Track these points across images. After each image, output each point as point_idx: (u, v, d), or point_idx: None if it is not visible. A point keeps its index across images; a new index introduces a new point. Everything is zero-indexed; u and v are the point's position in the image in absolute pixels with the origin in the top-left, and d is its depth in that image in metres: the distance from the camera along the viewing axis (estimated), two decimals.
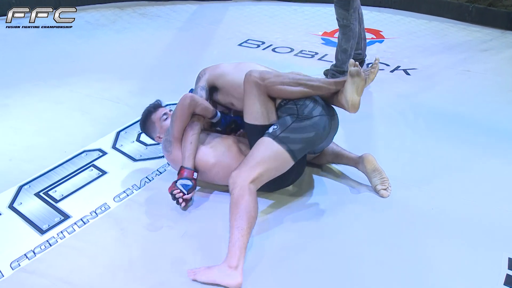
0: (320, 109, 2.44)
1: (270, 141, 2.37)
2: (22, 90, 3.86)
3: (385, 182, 2.61)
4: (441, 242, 2.31)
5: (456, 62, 4.04)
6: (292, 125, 2.39)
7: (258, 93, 2.42)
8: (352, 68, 2.35)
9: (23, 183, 2.83)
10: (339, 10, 3.34)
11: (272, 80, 2.40)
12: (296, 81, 2.42)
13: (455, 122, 3.22)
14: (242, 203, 2.22)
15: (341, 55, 3.46)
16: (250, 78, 2.42)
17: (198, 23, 5.16)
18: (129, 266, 2.26)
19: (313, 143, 2.44)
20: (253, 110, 2.45)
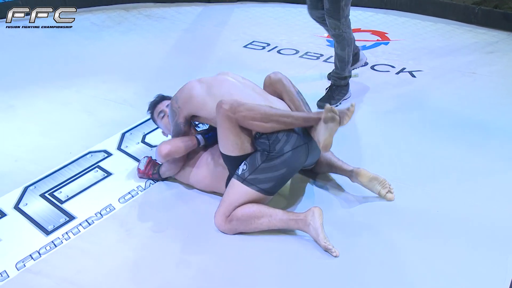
0: (294, 142, 2.41)
1: (239, 184, 2.41)
2: (29, 91, 3.88)
3: (386, 184, 2.58)
4: (445, 243, 2.31)
5: (461, 64, 4.03)
6: (261, 166, 2.39)
7: (231, 125, 2.38)
8: (327, 114, 2.28)
9: (28, 184, 2.84)
10: (330, 20, 3.30)
11: (243, 114, 2.35)
12: (267, 117, 2.36)
13: (460, 125, 3.21)
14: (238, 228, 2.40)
15: (339, 63, 3.44)
16: (221, 111, 2.37)
17: (204, 25, 5.16)
18: (134, 267, 2.27)
19: (286, 178, 2.48)
20: (227, 142, 2.43)
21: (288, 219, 2.36)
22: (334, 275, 2.18)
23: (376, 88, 3.73)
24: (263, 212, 2.36)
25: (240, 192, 2.40)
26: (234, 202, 2.40)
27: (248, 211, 2.37)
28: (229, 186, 2.46)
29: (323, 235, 2.29)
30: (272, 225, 2.37)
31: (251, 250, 2.33)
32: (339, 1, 3.21)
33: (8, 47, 4.75)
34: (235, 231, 2.41)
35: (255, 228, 2.38)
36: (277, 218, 2.36)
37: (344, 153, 2.83)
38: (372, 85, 3.76)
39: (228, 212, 2.39)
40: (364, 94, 3.60)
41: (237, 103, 2.38)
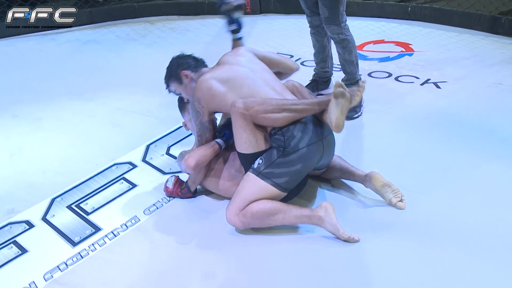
0: (308, 138, 2.43)
1: (254, 177, 2.43)
2: (56, 103, 3.95)
3: (398, 194, 2.58)
4: (469, 256, 2.27)
5: (487, 75, 3.98)
6: (277, 160, 2.41)
7: (245, 123, 2.42)
8: (337, 89, 2.31)
9: (55, 195, 2.89)
10: (331, 27, 3.31)
11: (256, 109, 2.39)
12: (280, 107, 2.40)
13: (487, 136, 3.16)
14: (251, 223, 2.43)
15: (349, 67, 3.45)
16: (235, 110, 2.40)
17: (227, 37, 5.17)
18: (159, 279, 2.28)
19: (301, 174, 2.48)
20: (242, 140, 2.46)
21: (302, 215, 2.40)
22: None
23: (400, 99, 3.70)
24: (278, 209, 2.39)
25: (255, 186, 2.42)
26: (248, 196, 2.42)
27: (264, 208, 2.39)
28: (243, 180, 2.47)
29: (342, 230, 2.35)
30: (286, 221, 2.41)
31: (276, 257, 2.33)
32: (338, 7, 3.24)
33: (35, 61, 4.86)
34: (247, 226, 2.44)
35: (269, 224, 2.42)
36: (291, 214, 2.40)
37: (366, 164, 2.82)
38: (396, 96, 3.73)
39: (242, 206, 2.41)
40: (388, 105, 3.58)
41: (249, 100, 2.42)
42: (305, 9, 3.53)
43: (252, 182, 2.43)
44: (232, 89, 2.54)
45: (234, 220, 2.44)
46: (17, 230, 2.65)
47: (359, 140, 3.25)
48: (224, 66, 2.69)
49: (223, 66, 2.69)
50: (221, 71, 2.64)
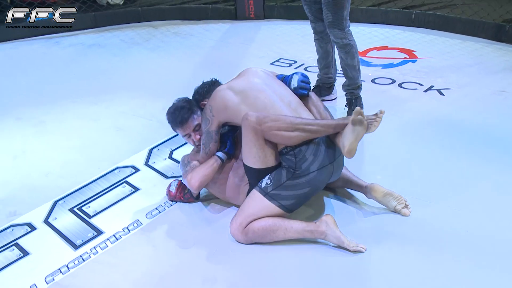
0: (320, 162, 2.40)
1: (261, 197, 2.41)
2: (59, 107, 3.95)
3: (402, 200, 2.57)
4: (474, 264, 2.26)
5: (491, 82, 3.98)
6: (286, 183, 2.39)
7: (256, 138, 2.39)
8: (356, 117, 2.27)
9: (58, 198, 2.89)
10: (335, 32, 3.30)
11: (269, 125, 2.35)
12: (293, 126, 2.36)
13: (490, 144, 3.15)
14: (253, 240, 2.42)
15: (352, 72, 3.44)
16: (247, 123, 2.37)
17: (231, 42, 5.21)
18: (161, 283, 2.27)
19: (308, 197, 2.48)
20: (251, 154, 2.43)
21: (304, 231, 2.39)
22: None
23: (403, 105, 3.70)
24: (279, 225, 2.39)
25: (260, 205, 2.41)
26: (253, 214, 2.41)
27: (265, 225, 2.39)
28: (249, 197, 2.46)
29: (347, 240, 2.33)
30: (287, 237, 2.40)
31: (278, 265, 2.32)
32: (342, 11, 3.24)
33: (39, 64, 4.87)
34: (250, 242, 2.43)
35: (270, 240, 2.41)
36: (293, 230, 2.39)
37: (369, 171, 2.82)
38: (399, 103, 3.73)
39: (245, 223, 2.41)
40: (392, 112, 3.57)
41: (262, 115, 2.39)
42: (309, 15, 3.53)
43: (257, 201, 2.42)
44: (246, 100, 2.50)
45: (237, 236, 2.44)
46: (19, 232, 2.65)
47: (362, 146, 3.23)
48: (241, 78, 2.68)
49: (240, 77, 2.69)
50: (237, 82, 2.63)
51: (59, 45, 5.31)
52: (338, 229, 2.36)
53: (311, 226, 2.39)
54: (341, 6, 3.22)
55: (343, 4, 3.22)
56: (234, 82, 2.64)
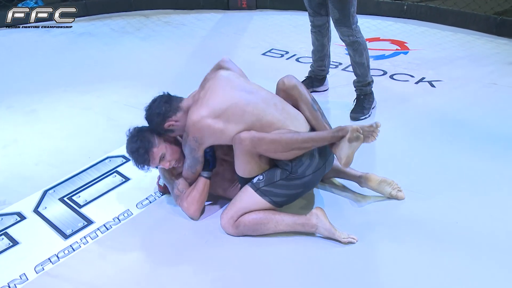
0: (315, 165, 2.42)
1: (252, 192, 2.42)
2: (51, 95, 3.93)
3: (395, 186, 2.62)
4: (465, 255, 2.28)
5: (482, 74, 3.99)
6: (279, 182, 2.40)
7: (251, 157, 2.36)
8: (354, 134, 2.29)
9: (48, 187, 2.88)
10: (342, 29, 3.27)
11: (265, 148, 2.32)
12: (289, 146, 2.32)
13: (480, 135, 3.17)
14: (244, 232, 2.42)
15: (360, 70, 3.42)
16: (241, 146, 2.32)
17: (223, 32, 5.19)
18: (152, 273, 2.28)
19: (299, 196, 2.50)
20: (245, 169, 2.41)
21: (295, 224, 2.40)
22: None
23: (394, 97, 3.71)
24: (270, 219, 2.40)
25: (251, 200, 2.42)
26: (244, 208, 2.42)
27: (255, 218, 2.40)
28: (241, 191, 2.47)
29: (338, 232, 2.35)
30: (278, 230, 2.41)
31: (269, 257, 2.34)
32: (349, 8, 3.21)
33: (30, 52, 4.83)
34: (240, 235, 2.44)
35: (261, 233, 2.42)
36: (284, 223, 2.40)
37: (361, 163, 2.81)
38: (390, 95, 3.74)
39: (236, 216, 2.42)
40: (383, 104, 3.58)
41: (257, 138, 2.31)
42: (308, 9, 3.49)
43: (249, 196, 2.42)
44: (231, 119, 2.36)
45: (229, 229, 2.45)
46: (8, 221, 2.64)
47: None
48: (215, 94, 2.43)
49: (214, 94, 2.44)
50: (214, 103, 2.40)
51: (50, 33, 5.26)
52: (328, 221, 2.38)
53: (301, 219, 2.39)
54: (348, 2, 3.18)
55: (349, 0, 3.18)
56: (211, 103, 2.40)
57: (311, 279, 2.21)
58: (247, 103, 2.40)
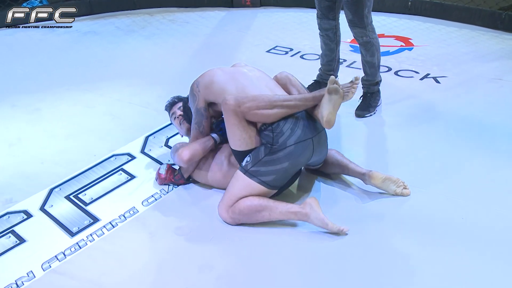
0: (298, 136, 2.44)
1: (242, 175, 2.46)
2: (55, 94, 3.94)
3: (400, 183, 2.61)
4: (469, 252, 2.27)
5: (487, 70, 3.98)
6: (264, 158, 2.43)
7: (238, 120, 2.44)
8: (331, 85, 2.34)
9: (54, 185, 2.89)
10: (356, 30, 3.27)
11: (248, 105, 2.41)
12: (271, 103, 2.41)
13: (486, 132, 3.16)
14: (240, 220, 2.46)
15: (370, 69, 3.41)
16: (227, 107, 2.43)
17: (227, 30, 5.19)
18: (157, 270, 2.29)
19: (289, 172, 2.50)
20: (235, 137, 2.48)
21: (289, 212, 2.42)
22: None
23: (399, 93, 3.70)
24: (264, 206, 2.42)
25: (242, 184, 2.45)
26: (236, 193, 2.45)
27: (250, 205, 2.43)
28: (233, 178, 2.51)
29: (331, 223, 2.36)
30: (273, 217, 2.44)
31: (273, 252, 2.34)
32: (362, 9, 3.20)
33: (34, 51, 4.84)
34: (237, 222, 2.47)
35: (256, 220, 2.45)
36: (278, 211, 2.42)
37: (366, 159, 2.83)
38: (395, 91, 3.73)
39: (231, 202, 2.45)
40: (387, 100, 3.57)
41: (240, 97, 2.45)
42: (317, 10, 3.47)
43: (240, 180, 2.46)
44: (231, 81, 2.60)
45: (225, 216, 2.48)
46: (15, 219, 2.65)
47: (357, 134, 3.25)
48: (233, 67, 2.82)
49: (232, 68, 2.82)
50: (226, 67, 2.79)
51: (55, 32, 5.27)
52: (321, 211, 2.39)
53: (295, 208, 2.42)
54: (362, 4, 3.17)
55: (363, 2, 3.17)
56: (227, 67, 2.80)
57: (313, 275, 2.21)
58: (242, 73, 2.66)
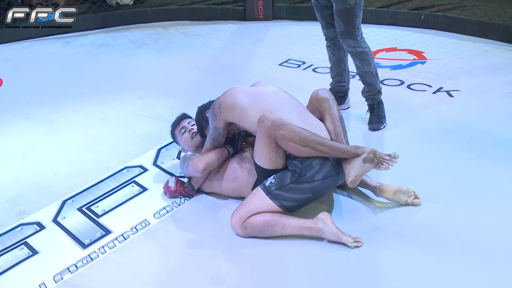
0: (326, 172, 2.44)
1: (263, 195, 2.46)
2: (68, 106, 3.98)
3: (411, 193, 2.62)
4: (485, 266, 2.25)
5: (501, 84, 3.95)
6: (289, 185, 2.43)
7: (269, 141, 2.43)
8: (370, 155, 2.33)
9: (66, 197, 2.90)
10: (347, 42, 3.26)
11: (283, 133, 2.39)
12: (305, 142, 2.39)
13: (500, 145, 3.14)
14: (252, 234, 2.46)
15: (370, 79, 3.39)
16: (263, 125, 2.41)
17: (239, 43, 5.22)
18: (168, 283, 2.29)
19: (309, 201, 2.52)
20: (262, 155, 2.48)
21: (302, 227, 2.42)
22: None
23: (412, 107, 3.69)
24: (277, 221, 2.43)
25: (262, 202, 2.46)
26: (253, 209, 2.46)
27: (263, 220, 2.43)
28: (252, 193, 2.51)
29: (345, 236, 2.36)
30: (285, 232, 2.44)
31: (285, 264, 2.33)
32: (354, 21, 3.19)
33: (49, 63, 4.91)
34: (249, 236, 2.47)
35: (268, 235, 2.45)
36: (290, 226, 2.43)
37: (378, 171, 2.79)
38: (408, 105, 3.72)
39: (245, 217, 2.46)
40: (400, 113, 3.56)
41: (279, 121, 2.40)
42: (321, 21, 3.46)
43: (259, 198, 2.47)
44: (255, 104, 2.55)
45: (237, 229, 2.49)
46: (28, 231, 2.66)
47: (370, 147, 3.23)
48: (254, 85, 2.79)
49: (252, 86, 2.79)
50: (249, 88, 2.73)
51: (69, 45, 5.34)
52: (334, 225, 2.39)
53: (308, 223, 2.42)
54: (353, 15, 3.16)
55: (355, 13, 3.16)
56: (247, 87, 2.73)
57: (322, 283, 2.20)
58: (269, 94, 2.62)
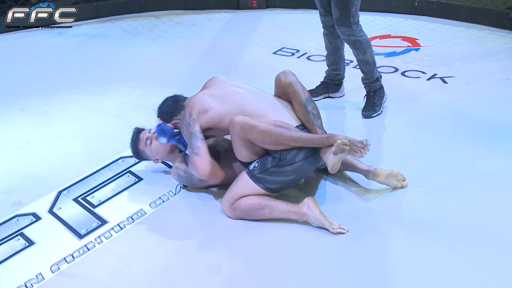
0: (305, 152, 2.45)
1: (247, 179, 2.51)
2: (62, 97, 3.97)
3: (400, 177, 2.65)
4: (478, 253, 2.26)
5: (495, 70, 3.96)
6: (271, 169, 2.46)
7: (243, 142, 2.48)
8: (338, 148, 2.34)
9: (62, 188, 2.90)
10: (342, 29, 3.24)
11: (254, 136, 2.42)
12: (278, 140, 2.40)
13: (494, 131, 3.15)
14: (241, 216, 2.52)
15: (366, 67, 3.39)
16: (233, 131, 2.45)
17: (233, 32, 5.20)
18: (165, 272, 2.29)
19: (294, 182, 2.56)
20: (241, 153, 2.53)
21: (288, 211, 2.46)
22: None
23: (406, 94, 3.69)
24: (264, 204, 2.47)
25: (246, 186, 2.51)
26: (239, 192, 2.52)
27: (250, 203, 2.48)
28: (238, 177, 2.57)
29: (327, 222, 2.40)
30: (273, 216, 2.49)
31: (281, 253, 2.34)
32: (349, 9, 3.18)
33: (42, 54, 4.88)
34: (238, 218, 2.53)
35: (257, 217, 2.50)
36: (278, 210, 2.47)
37: (371, 157, 2.80)
38: (402, 91, 3.72)
39: (232, 200, 2.53)
40: (394, 100, 3.57)
41: (248, 125, 2.41)
42: (319, 8, 3.45)
43: (244, 182, 2.51)
44: (223, 104, 2.59)
45: (227, 212, 2.56)
46: (24, 222, 2.66)
47: (364, 135, 3.24)
48: (211, 87, 2.75)
49: (210, 87, 2.76)
50: (210, 90, 2.71)
51: (62, 35, 5.31)
52: (319, 210, 2.42)
53: (295, 208, 2.46)
54: (349, 2, 3.15)
55: (351, 0, 3.15)
56: (207, 90, 2.73)
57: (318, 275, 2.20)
58: (234, 92, 2.64)
